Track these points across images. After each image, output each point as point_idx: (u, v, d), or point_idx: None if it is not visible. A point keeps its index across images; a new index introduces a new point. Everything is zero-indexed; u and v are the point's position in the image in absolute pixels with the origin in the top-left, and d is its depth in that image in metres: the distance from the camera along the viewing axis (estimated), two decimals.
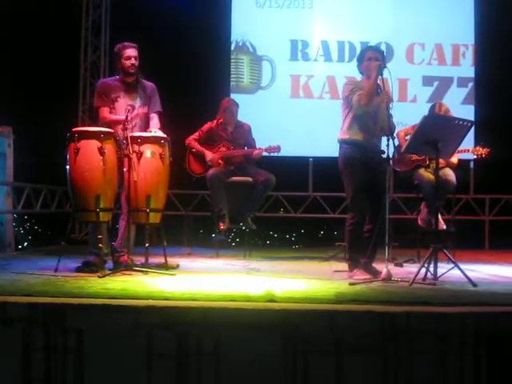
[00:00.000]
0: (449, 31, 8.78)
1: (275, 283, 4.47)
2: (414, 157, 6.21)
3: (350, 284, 4.51)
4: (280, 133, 8.15)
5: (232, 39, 8.87)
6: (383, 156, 5.01)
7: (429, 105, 6.85)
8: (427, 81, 8.77)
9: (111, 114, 5.41)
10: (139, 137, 5.13)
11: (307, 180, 8.84)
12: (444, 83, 8.74)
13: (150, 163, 5.11)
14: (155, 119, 5.53)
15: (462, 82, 8.77)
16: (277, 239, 9.30)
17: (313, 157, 8.72)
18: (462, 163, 6.81)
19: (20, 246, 7.70)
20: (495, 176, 8.34)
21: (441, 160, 5.26)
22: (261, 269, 5.60)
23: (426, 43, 8.80)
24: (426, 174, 6.15)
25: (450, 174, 6.16)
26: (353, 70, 5.36)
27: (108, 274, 4.74)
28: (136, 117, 5.37)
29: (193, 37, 8.43)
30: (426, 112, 5.91)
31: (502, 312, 3.51)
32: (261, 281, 4.66)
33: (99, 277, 4.64)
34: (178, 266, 5.57)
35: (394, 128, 5.18)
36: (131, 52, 5.40)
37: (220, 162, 6.80)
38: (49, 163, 7.38)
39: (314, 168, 8.75)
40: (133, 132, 5.21)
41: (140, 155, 5.06)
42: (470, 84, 8.76)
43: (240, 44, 8.90)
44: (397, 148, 5.86)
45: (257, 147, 6.87)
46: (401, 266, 5.93)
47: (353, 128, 5.10)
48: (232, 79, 8.88)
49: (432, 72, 8.78)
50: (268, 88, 8.89)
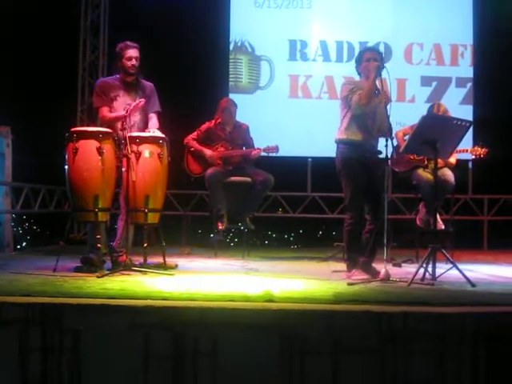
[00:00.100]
0: (447, 31, 8.77)
1: (274, 283, 4.47)
2: (413, 157, 6.21)
3: (349, 284, 4.51)
4: (278, 133, 8.15)
5: (231, 39, 8.86)
6: (380, 156, 5.02)
7: (427, 105, 6.85)
8: (426, 81, 8.77)
9: (111, 112, 5.42)
10: (138, 137, 5.14)
11: (306, 180, 8.84)
12: (442, 83, 8.74)
13: (149, 163, 5.12)
14: (154, 119, 5.54)
15: (461, 83, 8.76)
16: (275, 239, 9.30)
17: (311, 157, 8.72)
18: (461, 163, 6.81)
19: (18, 246, 7.70)
20: (494, 176, 8.34)
21: (439, 160, 5.26)
22: (259, 269, 5.61)
23: (425, 43, 8.79)
24: (425, 174, 6.16)
25: (449, 174, 6.16)
26: (351, 70, 5.36)
27: (106, 274, 4.74)
28: (136, 109, 5.33)
29: (191, 37, 8.43)
30: (425, 112, 5.90)
31: (501, 312, 3.51)
32: (259, 281, 4.66)
33: (98, 277, 4.64)
34: (177, 266, 5.56)
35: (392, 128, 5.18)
36: (133, 52, 5.41)
37: (218, 162, 6.80)
38: (47, 163, 7.37)
39: (313, 168, 8.75)
40: (132, 131, 5.22)
41: (138, 155, 5.05)
42: (469, 84, 8.76)
43: (238, 44, 8.89)
44: (395, 148, 5.85)
45: (255, 147, 6.88)
46: (399, 266, 5.94)
47: (351, 128, 5.10)
48: (231, 79, 8.88)
49: (430, 72, 8.77)
50: (266, 88, 8.88)
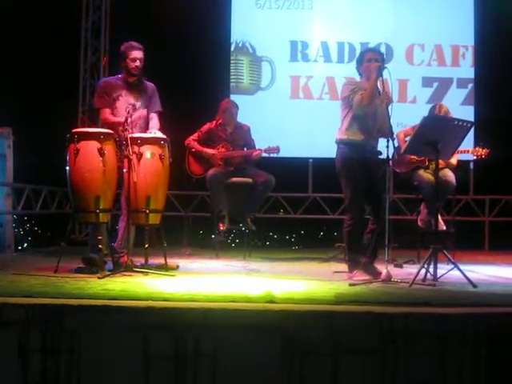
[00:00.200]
0: (448, 32, 8.77)
1: (275, 284, 4.47)
2: (414, 158, 6.21)
3: (350, 285, 4.51)
4: (280, 134, 8.14)
5: (232, 40, 8.86)
6: (381, 157, 5.02)
7: (428, 106, 6.86)
8: (427, 82, 8.77)
9: (112, 115, 5.43)
10: (139, 138, 5.14)
11: (307, 181, 8.84)
12: (444, 84, 8.74)
13: (150, 164, 5.12)
14: (155, 119, 5.55)
15: (462, 83, 8.76)
16: (276, 240, 9.29)
17: (312, 158, 8.71)
18: (462, 164, 6.81)
19: (20, 247, 7.70)
20: (495, 177, 8.34)
21: (440, 161, 5.27)
22: (260, 270, 5.60)
23: (426, 44, 8.79)
24: (426, 175, 6.15)
25: (450, 175, 6.16)
26: (352, 71, 5.36)
27: (108, 275, 4.74)
28: (138, 119, 5.40)
29: (192, 38, 8.43)
30: (426, 113, 5.90)
31: (502, 313, 3.51)
32: (260, 282, 4.65)
33: (99, 278, 4.64)
34: (178, 267, 5.56)
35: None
36: (137, 54, 5.41)
37: (219, 163, 6.80)
38: (49, 164, 7.37)
39: (314, 169, 8.74)
40: (134, 132, 5.23)
41: (140, 156, 5.06)
42: (470, 85, 8.75)
43: (240, 45, 8.89)
44: (396, 149, 5.86)
45: (256, 148, 6.88)
46: (400, 267, 5.93)
47: (352, 128, 5.10)
48: (232, 80, 8.88)
49: (432, 73, 8.77)
50: (268, 89, 8.88)
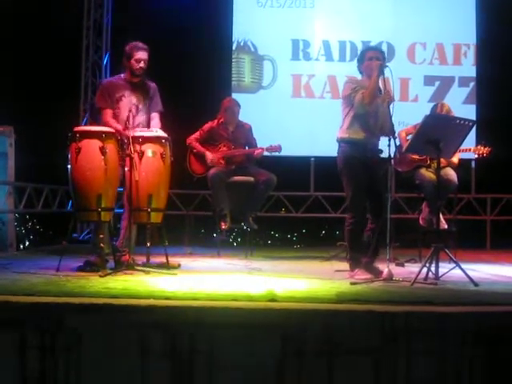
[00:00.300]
0: (450, 31, 8.76)
1: (276, 283, 4.47)
2: (415, 157, 6.20)
3: (352, 284, 4.51)
4: (281, 132, 8.14)
5: (233, 39, 8.86)
6: (383, 156, 5.02)
7: (430, 104, 6.85)
8: (429, 80, 8.76)
9: (115, 115, 5.43)
10: (140, 136, 5.13)
11: (308, 180, 8.84)
12: (445, 83, 8.73)
13: (152, 163, 5.12)
14: (156, 119, 5.56)
15: (464, 82, 8.75)
16: (278, 239, 9.30)
17: (314, 156, 8.71)
18: (464, 163, 6.80)
19: (21, 246, 7.73)
20: (497, 175, 8.33)
21: (442, 160, 5.26)
22: (262, 268, 5.60)
23: (428, 43, 8.78)
24: (428, 174, 6.15)
25: (452, 174, 6.15)
26: (354, 70, 5.34)
27: (109, 274, 4.74)
28: (140, 122, 5.42)
29: (194, 36, 8.43)
30: (428, 112, 5.90)
31: (504, 312, 3.50)
32: (262, 280, 4.66)
33: (101, 276, 4.64)
34: (180, 266, 5.56)
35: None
36: (142, 55, 5.41)
37: (221, 162, 6.79)
38: (50, 163, 7.38)
39: (316, 167, 8.74)
40: (135, 131, 5.24)
41: (141, 155, 5.06)
42: (472, 83, 8.74)
43: (241, 43, 8.89)
44: (398, 148, 5.87)
45: (258, 147, 6.88)
46: (402, 266, 5.93)
47: (353, 127, 5.09)
48: (233, 79, 8.87)
49: (433, 72, 8.76)
50: (269, 87, 8.88)
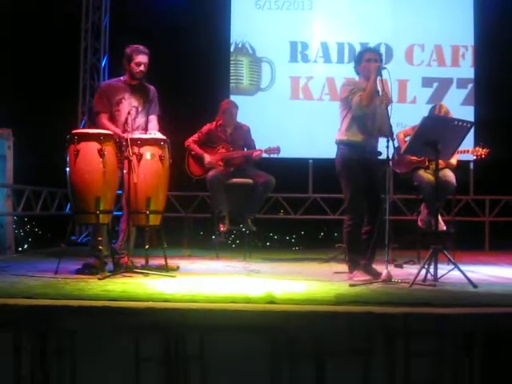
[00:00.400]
0: (448, 32, 8.77)
1: (275, 285, 4.47)
2: (414, 158, 6.20)
3: (350, 285, 4.51)
4: (280, 134, 8.14)
5: (231, 41, 8.87)
6: (381, 157, 5.02)
7: (428, 106, 6.85)
8: (427, 82, 8.76)
9: (115, 117, 5.43)
10: (139, 139, 5.13)
11: (307, 181, 8.84)
12: (444, 84, 8.74)
13: (150, 165, 5.11)
14: (154, 121, 5.56)
15: (462, 83, 8.76)
16: (277, 241, 9.30)
17: (312, 158, 8.71)
18: (462, 164, 6.80)
19: (20, 248, 7.71)
20: (495, 177, 8.34)
21: (440, 161, 5.26)
22: (261, 270, 5.60)
23: (426, 44, 8.79)
24: (426, 175, 6.15)
25: (450, 175, 6.15)
26: (352, 72, 5.34)
27: (108, 276, 4.74)
28: (140, 124, 5.42)
29: (192, 38, 8.43)
30: (426, 113, 5.90)
31: (503, 313, 3.51)
32: (261, 282, 4.66)
33: (99, 279, 4.64)
34: (178, 268, 5.56)
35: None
36: (142, 58, 5.40)
37: (220, 164, 6.79)
38: (49, 165, 7.38)
39: (314, 169, 8.74)
40: (134, 133, 5.24)
41: (140, 157, 5.06)
42: (470, 85, 8.75)
43: (239, 45, 8.89)
44: (396, 149, 5.86)
45: (256, 148, 6.88)
46: (401, 268, 5.93)
47: (351, 129, 5.09)
48: (231, 81, 8.88)
49: (431, 73, 8.77)
50: (267, 89, 8.88)
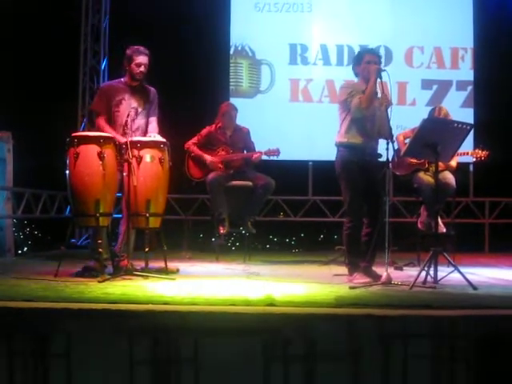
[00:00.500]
0: (448, 34, 8.78)
1: (275, 287, 4.47)
2: (414, 160, 6.20)
3: (350, 288, 4.50)
4: (279, 137, 8.13)
5: (231, 43, 8.87)
6: (381, 159, 5.02)
7: (428, 108, 6.85)
8: (426, 84, 8.77)
9: (115, 116, 5.42)
10: (139, 141, 5.13)
11: (307, 184, 8.84)
12: (443, 86, 8.74)
13: (150, 168, 5.11)
14: (154, 123, 5.56)
15: (461, 86, 8.77)
16: (276, 243, 9.29)
17: (312, 160, 8.71)
18: (462, 166, 6.80)
19: (20, 251, 7.70)
20: (495, 179, 8.33)
21: (440, 163, 5.26)
22: (261, 273, 5.60)
23: (425, 46, 8.80)
24: (426, 178, 6.16)
25: (450, 178, 6.16)
26: (352, 74, 5.35)
27: (108, 279, 4.74)
28: (140, 126, 5.42)
29: (192, 41, 8.44)
30: (426, 115, 5.90)
31: (503, 315, 3.50)
32: (261, 285, 4.66)
33: (99, 281, 4.64)
34: (178, 271, 5.55)
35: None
36: (143, 59, 5.41)
37: (220, 166, 6.80)
38: (48, 168, 7.38)
39: (314, 172, 8.74)
40: (136, 135, 5.25)
41: (140, 160, 5.05)
42: (469, 87, 8.76)
43: (239, 48, 8.90)
44: (396, 151, 5.86)
45: (256, 150, 6.88)
46: (401, 270, 5.92)
47: (351, 131, 5.09)
48: (231, 83, 8.88)
49: (431, 75, 8.78)
50: (267, 92, 8.89)
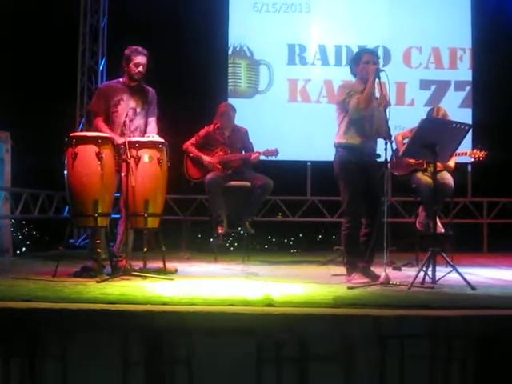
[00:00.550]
0: (446, 35, 8.79)
1: (273, 287, 4.47)
2: (412, 160, 6.21)
3: (349, 288, 4.50)
4: (278, 137, 8.13)
5: (229, 44, 8.88)
6: (379, 160, 5.02)
7: (426, 108, 6.86)
8: (425, 84, 8.78)
9: (113, 116, 5.42)
10: (137, 142, 5.13)
11: (305, 184, 8.84)
12: (441, 87, 8.75)
13: (148, 168, 5.11)
14: (153, 123, 5.55)
15: (460, 86, 8.78)
16: (275, 243, 9.29)
17: (311, 161, 8.72)
18: (460, 166, 6.81)
19: (18, 251, 7.69)
20: (493, 179, 8.35)
21: (438, 164, 5.27)
22: (259, 273, 5.60)
23: (424, 47, 8.81)
24: (424, 178, 6.16)
25: (448, 178, 6.16)
26: (350, 75, 5.35)
27: (106, 279, 4.74)
28: (138, 126, 5.42)
29: (190, 41, 8.44)
30: (424, 116, 5.91)
31: (501, 315, 3.51)
32: (259, 285, 4.65)
33: (97, 282, 4.63)
34: (177, 271, 5.55)
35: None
36: (141, 59, 5.41)
37: (218, 167, 6.80)
38: (47, 168, 7.37)
39: (312, 172, 8.74)
40: (135, 135, 5.25)
41: (138, 160, 5.05)
42: (468, 87, 8.77)
43: (237, 48, 8.90)
44: (395, 152, 5.87)
45: (254, 151, 6.88)
46: (399, 270, 5.93)
47: (349, 132, 5.09)
48: (229, 84, 8.88)
49: (429, 76, 8.79)
50: (265, 92, 8.89)
